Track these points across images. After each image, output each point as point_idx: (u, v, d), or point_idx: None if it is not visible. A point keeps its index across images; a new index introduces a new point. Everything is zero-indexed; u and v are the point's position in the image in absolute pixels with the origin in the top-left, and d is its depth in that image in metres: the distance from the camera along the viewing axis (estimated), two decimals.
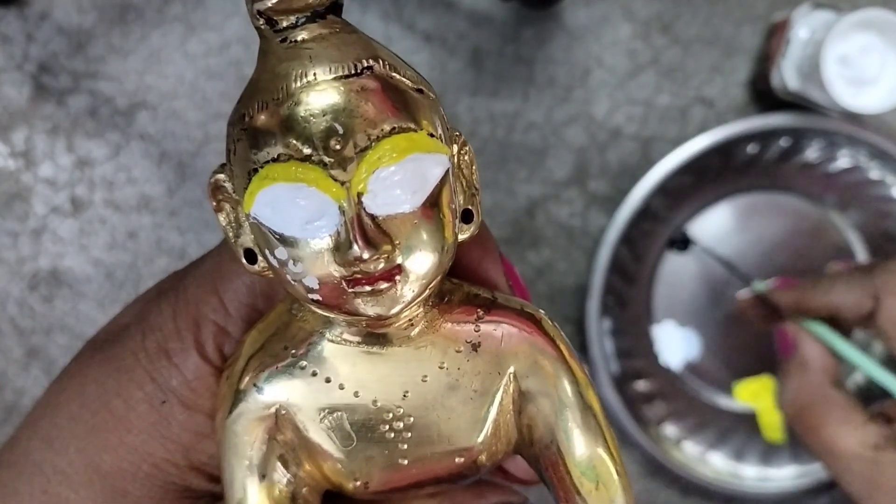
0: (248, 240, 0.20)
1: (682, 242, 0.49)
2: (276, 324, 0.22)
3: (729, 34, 0.48)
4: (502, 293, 0.23)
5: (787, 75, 0.44)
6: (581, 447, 0.21)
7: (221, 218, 0.21)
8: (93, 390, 0.24)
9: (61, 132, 0.49)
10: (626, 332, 0.49)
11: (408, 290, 0.19)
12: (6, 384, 0.50)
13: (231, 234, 0.21)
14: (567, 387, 0.21)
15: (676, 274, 0.49)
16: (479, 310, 0.22)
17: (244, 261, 0.21)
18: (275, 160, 0.18)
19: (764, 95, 0.48)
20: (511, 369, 0.21)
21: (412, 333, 0.21)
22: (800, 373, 0.39)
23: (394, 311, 0.20)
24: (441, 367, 0.21)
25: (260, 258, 0.20)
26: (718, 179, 0.48)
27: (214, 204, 0.21)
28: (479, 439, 0.21)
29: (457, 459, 0.22)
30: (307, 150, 0.18)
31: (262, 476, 0.21)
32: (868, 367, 0.39)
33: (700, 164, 0.47)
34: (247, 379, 0.21)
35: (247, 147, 0.19)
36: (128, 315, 0.25)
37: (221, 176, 0.20)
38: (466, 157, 0.21)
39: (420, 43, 0.48)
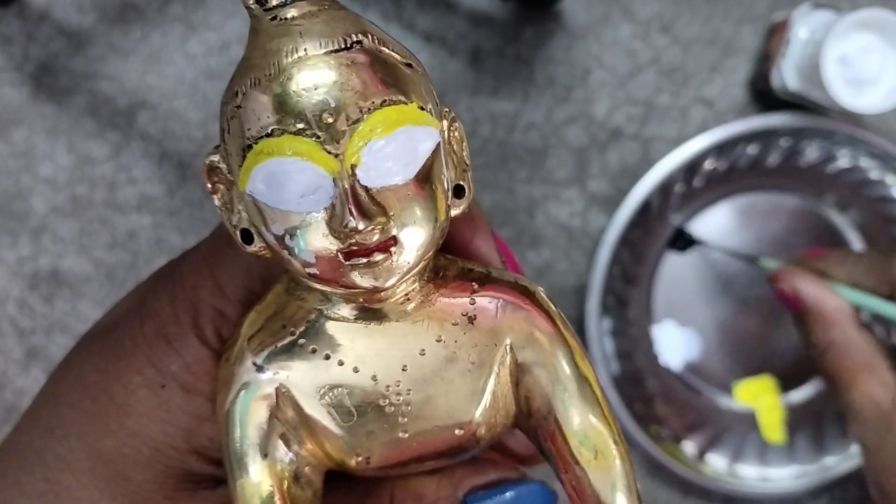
0: (243, 220, 0.21)
1: (683, 242, 0.49)
2: (273, 304, 0.22)
3: (729, 34, 0.49)
4: (496, 268, 0.23)
5: (787, 75, 0.44)
6: (578, 417, 0.21)
7: (216, 200, 0.21)
8: (92, 377, 0.24)
9: (61, 132, 0.49)
10: (626, 332, 0.49)
11: (403, 261, 0.20)
12: (6, 384, 0.50)
13: (226, 216, 0.21)
14: (562, 358, 0.22)
15: (676, 274, 0.49)
16: (473, 283, 0.22)
17: (240, 242, 0.21)
18: (269, 135, 0.19)
19: (764, 95, 0.48)
20: (507, 341, 0.22)
21: (408, 308, 0.21)
22: (816, 318, 0.38)
23: (390, 282, 0.20)
24: (438, 341, 0.21)
25: (256, 238, 0.21)
26: (718, 179, 0.48)
27: (209, 186, 0.21)
28: (478, 411, 0.22)
29: (456, 432, 0.22)
30: (300, 125, 0.18)
31: (264, 455, 0.21)
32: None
33: (700, 164, 0.47)
34: (246, 359, 0.21)
35: (240, 124, 0.19)
36: (126, 304, 0.25)
37: (215, 157, 0.21)
38: (456, 134, 0.21)
39: (420, 43, 0.48)
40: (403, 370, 0.21)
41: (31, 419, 0.25)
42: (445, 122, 0.21)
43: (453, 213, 0.21)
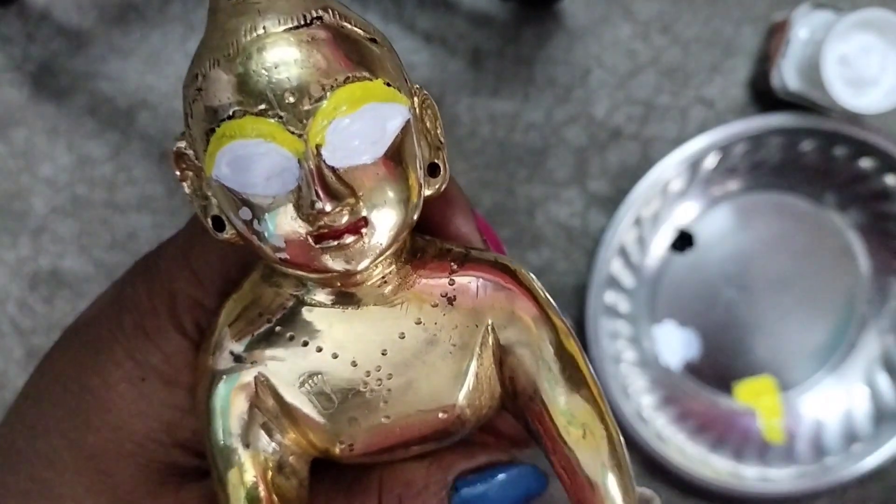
0: (213, 207, 0.20)
1: (682, 242, 0.49)
2: (250, 292, 0.22)
3: (729, 34, 0.48)
4: (476, 248, 0.23)
5: (787, 75, 0.44)
6: (564, 397, 0.21)
7: (186, 187, 0.21)
8: (72, 373, 0.24)
9: (61, 132, 0.49)
10: (626, 333, 0.49)
11: (375, 242, 0.19)
12: (6, 384, 0.50)
13: (197, 203, 0.21)
14: (546, 336, 0.21)
15: (676, 274, 0.49)
16: (452, 264, 0.22)
17: (212, 229, 0.21)
18: (230, 117, 0.18)
19: (764, 95, 0.48)
20: (489, 321, 0.21)
21: (386, 291, 0.21)
22: None
23: (362, 265, 0.19)
24: (418, 323, 0.21)
25: (227, 225, 0.20)
26: (718, 179, 0.48)
27: (178, 174, 0.20)
28: (461, 394, 0.21)
29: (440, 416, 0.21)
30: (262, 105, 0.18)
31: (247, 445, 0.21)
32: None
33: (700, 165, 0.47)
34: (224, 349, 0.21)
35: (202, 107, 0.19)
36: (104, 298, 0.25)
37: (182, 144, 0.20)
38: (429, 111, 0.21)
39: (420, 43, 0.48)
40: (383, 354, 0.21)
41: (14, 417, 0.25)
42: (417, 100, 0.21)
43: (427, 192, 0.21)
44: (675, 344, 0.49)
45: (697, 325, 0.49)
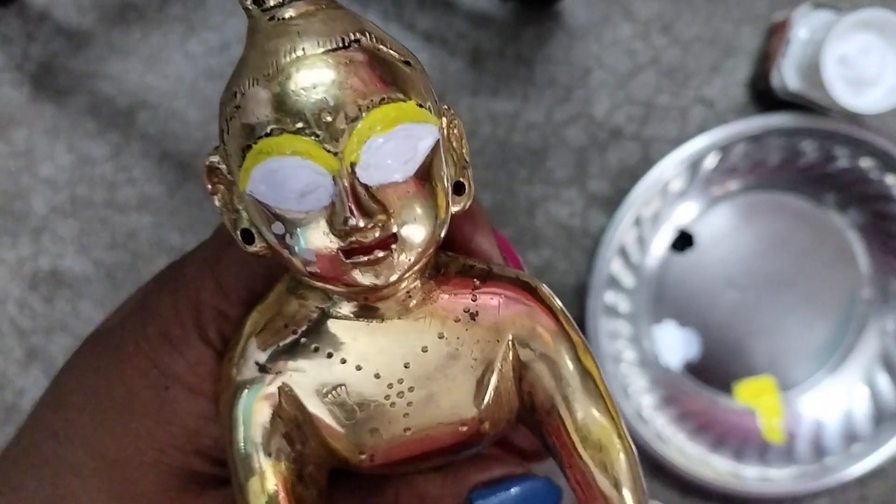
0: (244, 220, 0.21)
1: (682, 242, 0.49)
2: (275, 304, 0.22)
3: (729, 34, 0.49)
4: (497, 265, 0.23)
5: (787, 75, 0.44)
6: (581, 412, 0.21)
7: (217, 200, 0.21)
8: (95, 380, 0.24)
9: (61, 132, 0.49)
10: (626, 332, 0.49)
11: (404, 258, 0.20)
12: (6, 384, 0.50)
13: (227, 216, 0.21)
14: (565, 353, 0.22)
15: (676, 274, 0.49)
16: (475, 280, 0.22)
17: (241, 242, 0.21)
18: (268, 135, 0.19)
19: (764, 95, 0.48)
20: (509, 337, 0.22)
21: (410, 305, 0.21)
22: None
23: (391, 280, 0.20)
24: (440, 338, 0.21)
25: (257, 237, 0.21)
26: (718, 179, 0.48)
27: (209, 187, 0.21)
28: (481, 407, 0.22)
29: (460, 428, 0.22)
30: (299, 124, 0.19)
31: (268, 454, 0.21)
32: None
33: (700, 165, 0.47)
34: (249, 359, 0.22)
35: (239, 124, 0.19)
36: (128, 306, 0.25)
37: (215, 158, 0.21)
38: (455, 131, 0.22)
39: (420, 43, 0.48)
40: (406, 367, 0.21)
41: (36, 423, 0.25)
42: (444, 120, 0.21)
43: (453, 209, 0.21)
44: (675, 344, 0.49)
45: (697, 325, 0.49)
